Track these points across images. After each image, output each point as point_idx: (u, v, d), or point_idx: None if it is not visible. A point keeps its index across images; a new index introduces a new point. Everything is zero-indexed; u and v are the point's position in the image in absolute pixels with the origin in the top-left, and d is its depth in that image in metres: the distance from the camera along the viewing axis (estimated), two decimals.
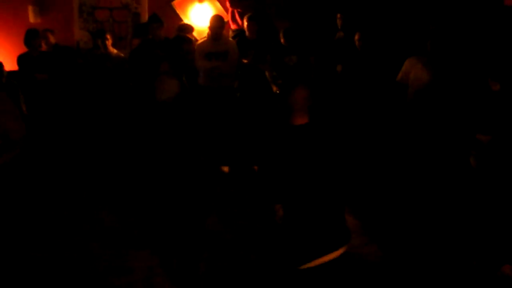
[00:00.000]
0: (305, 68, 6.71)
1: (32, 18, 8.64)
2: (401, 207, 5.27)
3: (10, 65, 7.07)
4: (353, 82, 6.50)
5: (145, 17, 8.58)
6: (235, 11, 8.48)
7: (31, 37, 7.17)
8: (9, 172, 4.08)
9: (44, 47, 7.47)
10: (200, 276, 4.30)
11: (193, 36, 7.74)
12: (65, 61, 7.21)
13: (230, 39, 7.37)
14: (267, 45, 6.87)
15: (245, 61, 6.85)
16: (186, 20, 8.48)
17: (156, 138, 6.47)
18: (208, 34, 6.97)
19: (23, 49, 7.51)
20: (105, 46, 7.32)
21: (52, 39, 7.63)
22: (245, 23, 7.13)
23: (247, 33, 7.13)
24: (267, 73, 6.76)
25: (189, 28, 7.48)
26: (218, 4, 8.66)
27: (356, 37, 6.48)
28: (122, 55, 7.52)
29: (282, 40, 6.83)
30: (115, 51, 7.46)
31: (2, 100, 3.97)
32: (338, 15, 7.06)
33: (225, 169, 6.74)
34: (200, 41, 7.06)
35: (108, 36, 7.39)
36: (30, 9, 8.63)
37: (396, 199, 5.44)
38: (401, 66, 6.07)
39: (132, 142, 6.74)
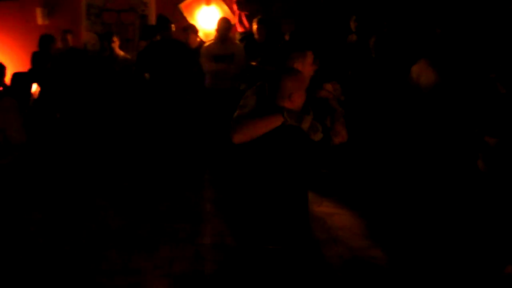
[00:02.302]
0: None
1: (40, 20, 8.69)
2: (407, 210, 5.25)
3: (18, 66, 7.10)
4: (366, 86, 6.46)
5: (152, 19, 8.61)
6: (242, 14, 8.49)
7: (48, 41, 7.20)
8: (12, 172, 4.10)
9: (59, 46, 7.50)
10: (204, 277, 4.28)
11: (199, 37, 7.76)
12: (79, 64, 7.20)
13: (237, 41, 7.37)
14: (275, 48, 6.87)
15: (253, 63, 6.85)
16: (193, 23, 8.48)
17: (160, 138, 6.50)
18: (215, 36, 6.98)
19: (31, 50, 7.54)
20: (112, 49, 7.33)
21: (70, 41, 7.64)
22: (254, 26, 7.14)
23: (255, 36, 7.14)
24: None
25: (193, 28, 7.52)
26: (225, 7, 8.66)
27: (372, 40, 6.42)
28: (129, 57, 7.52)
29: (289, 43, 6.82)
30: (122, 53, 7.47)
31: (7, 106, 4.00)
32: (353, 17, 7.05)
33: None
34: (207, 44, 7.07)
35: (115, 39, 7.40)
36: (38, 11, 8.68)
37: (401, 202, 5.42)
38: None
39: (137, 143, 6.76)
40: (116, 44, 7.33)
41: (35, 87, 6.57)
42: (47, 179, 5.97)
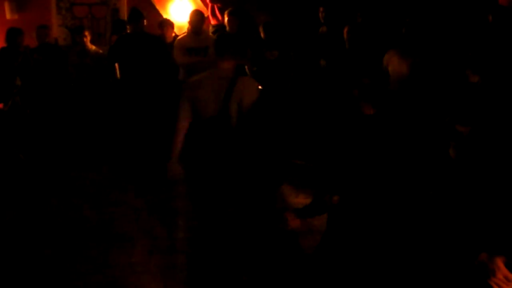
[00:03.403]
0: (286, 63, 6.70)
1: (9, 15, 8.55)
2: (380, 198, 5.29)
3: None
4: (339, 77, 6.46)
5: (124, 13, 8.53)
6: (215, 6, 8.45)
7: (15, 35, 7.08)
8: None
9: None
10: (184, 272, 4.29)
11: (174, 32, 7.70)
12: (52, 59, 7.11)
13: (211, 34, 7.33)
14: (248, 40, 6.85)
15: None
16: (165, 16, 8.43)
17: (133, 133, 6.46)
18: (188, 29, 6.94)
19: (1, 44, 7.43)
20: (84, 43, 7.25)
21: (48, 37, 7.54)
22: (226, 18, 7.11)
23: (227, 28, 7.11)
24: (246, 68, 6.75)
25: (170, 23, 7.46)
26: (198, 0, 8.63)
27: (345, 30, 6.35)
28: (101, 51, 7.44)
29: (262, 34, 6.81)
30: (93, 47, 7.39)
31: None
32: (321, 9, 7.05)
33: None
34: (180, 36, 7.02)
35: (87, 33, 7.31)
36: (6, 5, 8.54)
37: (375, 190, 5.45)
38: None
39: (110, 137, 6.72)
40: (87, 38, 7.24)
41: None
42: (19, 176, 5.92)
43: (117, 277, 4.20)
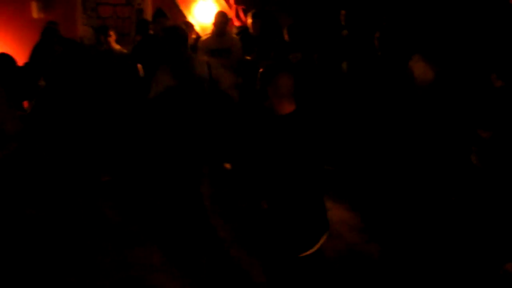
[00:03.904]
0: (309, 65, 6.69)
1: (35, 14, 8.67)
2: (403, 204, 5.27)
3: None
4: (369, 83, 6.41)
5: (148, 13, 8.59)
6: (239, 8, 8.49)
7: (51, 34, 7.18)
8: (7, 167, 4.09)
9: None
10: (200, 272, 4.30)
11: (196, 32, 7.73)
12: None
13: (234, 35, 7.36)
14: (271, 42, 6.87)
15: (248, 58, 6.84)
16: (189, 17, 8.48)
17: (155, 134, 6.47)
18: (212, 30, 6.96)
19: (26, 44, 7.53)
20: (109, 43, 7.30)
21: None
22: (249, 20, 7.13)
23: (250, 30, 7.13)
24: None
25: (190, 25, 7.49)
26: (222, 1, 8.66)
27: (376, 37, 6.26)
28: (125, 51, 7.49)
29: (286, 37, 6.80)
30: (118, 47, 7.44)
31: None
32: (342, 12, 7.04)
33: (227, 166, 6.73)
34: (204, 38, 7.05)
35: (111, 33, 7.35)
36: (33, 5, 8.65)
37: (397, 196, 5.43)
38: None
39: (133, 139, 6.73)
40: (112, 38, 7.29)
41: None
42: (43, 173, 5.96)
43: (139, 276, 4.23)
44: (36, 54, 7.01)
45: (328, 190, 5.72)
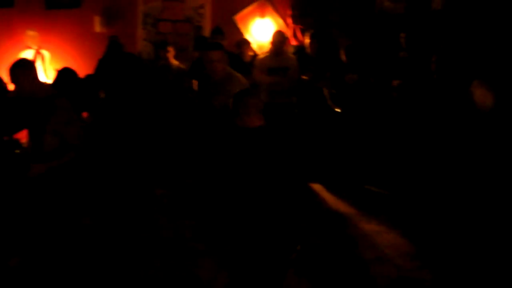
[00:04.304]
0: (366, 87, 6.64)
1: (98, 28, 8.89)
2: (458, 231, 5.13)
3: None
4: (425, 106, 6.30)
5: (207, 30, 8.70)
6: (297, 27, 8.51)
7: (116, 47, 7.39)
8: (65, 176, 4.18)
9: None
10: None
11: (253, 50, 7.79)
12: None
13: (291, 55, 7.38)
14: (328, 63, 6.85)
15: (305, 77, 6.84)
16: (247, 35, 8.55)
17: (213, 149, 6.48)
18: (269, 49, 7.00)
19: (88, 57, 7.72)
20: (167, 58, 7.42)
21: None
22: (307, 40, 7.14)
23: (308, 49, 7.13)
24: (325, 90, 6.73)
25: (247, 43, 7.55)
26: (279, 20, 8.71)
27: (433, 60, 6.21)
28: (183, 67, 7.60)
29: (343, 57, 6.78)
30: (176, 62, 7.56)
31: (63, 108, 4.10)
32: (402, 35, 6.96)
33: None
34: (261, 56, 7.09)
35: (170, 48, 7.48)
36: (96, 19, 8.89)
37: (453, 222, 5.30)
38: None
39: (190, 151, 6.75)
40: (171, 54, 7.42)
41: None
42: (99, 184, 6.04)
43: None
44: (100, 67, 7.18)
45: (379, 213, 5.65)
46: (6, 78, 7.06)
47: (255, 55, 7.51)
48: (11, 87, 6.38)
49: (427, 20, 7.46)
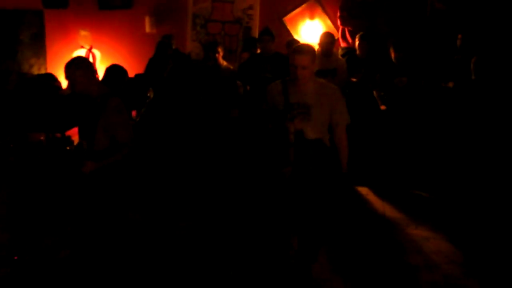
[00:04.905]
0: (415, 90, 6.54)
1: (148, 28, 9.03)
2: (505, 237, 5.01)
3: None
4: (465, 107, 6.21)
5: (256, 31, 8.72)
6: (346, 29, 8.46)
7: (165, 47, 7.49)
8: (118, 171, 4.24)
9: None
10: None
11: None
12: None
13: (340, 57, 7.33)
14: (377, 65, 6.78)
15: (354, 79, 6.79)
16: (296, 36, 8.54)
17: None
18: (318, 50, 6.96)
19: (139, 56, 7.85)
20: (216, 59, 7.45)
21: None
22: (357, 42, 7.09)
23: (357, 51, 7.09)
24: (375, 93, 6.67)
25: (297, 43, 7.51)
26: (328, 22, 8.66)
27: (473, 61, 6.10)
28: (231, 67, 7.63)
29: (392, 53, 6.67)
30: (225, 63, 7.58)
31: (114, 105, 4.16)
32: (459, 36, 6.83)
33: None
34: None
35: (219, 49, 7.51)
36: (147, 20, 9.02)
37: (502, 228, 5.18)
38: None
39: (240, 152, 6.75)
40: (220, 54, 7.45)
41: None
42: (148, 180, 6.11)
43: None
44: (150, 66, 7.29)
45: (427, 219, 5.56)
46: (60, 76, 7.33)
47: None
48: (65, 85, 6.59)
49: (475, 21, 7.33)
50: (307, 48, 4.11)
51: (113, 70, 6.63)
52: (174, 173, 6.44)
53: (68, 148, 7.13)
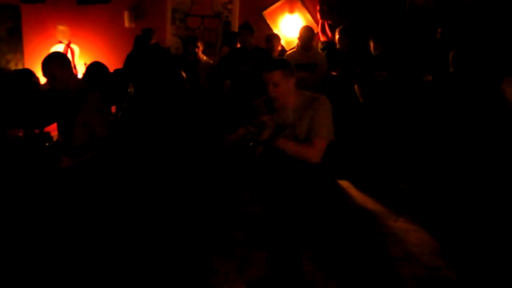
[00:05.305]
0: (395, 84, 6.58)
1: (127, 23, 8.97)
2: (488, 229, 5.06)
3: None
4: (444, 100, 6.26)
5: (235, 25, 8.70)
6: (325, 23, 8.46)
7: (143, 41, 7.45)
8: (95, 166, 4.22)
9: None
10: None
11: (282, 46, 7.76)
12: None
13: (320, 50, 7.34)
14: (357, 59, 6.80)
15: (334, 73, 6.80)
16: (276, 30, 8.53)
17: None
18: (297, 44, 6.97)
19: (118, 51, 7.79)
20: (196, 53, 7.44)
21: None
22: (337, 36, 7.10)
23: (337, 45, 7.10)
24: (356, 88, 6.69)
25: (277, 37, 7.52)
26: (308, 16, 8.66)
27: (451, 54, 6.19)
28: (211, 62, 7.62)
29: (371, 44, 6.70)
30: (205, 57, 7.58)
31: (94, 102, 4.13)
32: (439, 30, 6.88)
33: None
34: (289, 52, 7.07)
35: (199, 43, 7.50)
36: (126, 15, 8.96)
37: (482, 219, 5.23)
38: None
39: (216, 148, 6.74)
40: (199, 49, 7.44)
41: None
42: (126, 176, 6.07)
43: (213, 284, 4.24)
44: (128, 61, 7.24)
45: (408, 211, 5.60)
46: (38, 72, 7.23)
47: (284, 51, 7.48)
48: (42, 80, 6.51)
49: (458, 15, 7.36)
50: (277, 63, 3.64)
51: (95, 68, 6.58)
52: (155, 169, 6.40)
53: (47, 144, 7.06)
